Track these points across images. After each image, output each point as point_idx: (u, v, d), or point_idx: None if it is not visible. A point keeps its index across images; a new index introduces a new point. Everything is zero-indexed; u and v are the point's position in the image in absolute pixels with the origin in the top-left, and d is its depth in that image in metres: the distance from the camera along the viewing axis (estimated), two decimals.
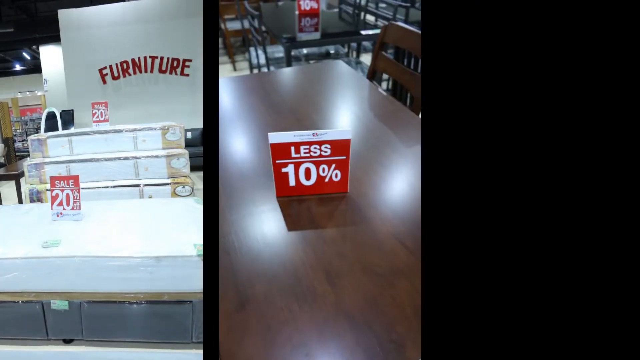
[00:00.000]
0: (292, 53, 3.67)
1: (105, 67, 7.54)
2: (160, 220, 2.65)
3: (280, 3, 5.20)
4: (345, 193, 1.43)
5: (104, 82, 7.59)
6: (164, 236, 2.38)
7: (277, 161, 1.38)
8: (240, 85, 2.53)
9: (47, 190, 3.91)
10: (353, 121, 1.98)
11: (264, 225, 1.30)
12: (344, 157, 1.36)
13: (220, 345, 0.89)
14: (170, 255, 2.19)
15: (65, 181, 2.83)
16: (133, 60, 7.56)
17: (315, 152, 1.34)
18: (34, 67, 17.86)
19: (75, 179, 2.85)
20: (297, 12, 3.77)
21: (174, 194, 3.78)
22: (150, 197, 3.71)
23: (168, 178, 3.82)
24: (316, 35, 3.63)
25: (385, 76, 3.37)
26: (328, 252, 1.15)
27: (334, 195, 1.42)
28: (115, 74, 7.57)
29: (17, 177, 5.08)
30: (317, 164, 1.36)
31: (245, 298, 1.01)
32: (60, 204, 2.85)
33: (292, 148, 1.33)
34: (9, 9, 11.28)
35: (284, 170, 1.38)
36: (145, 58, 7.51)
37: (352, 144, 1.34)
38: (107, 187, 3.71)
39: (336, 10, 4.34)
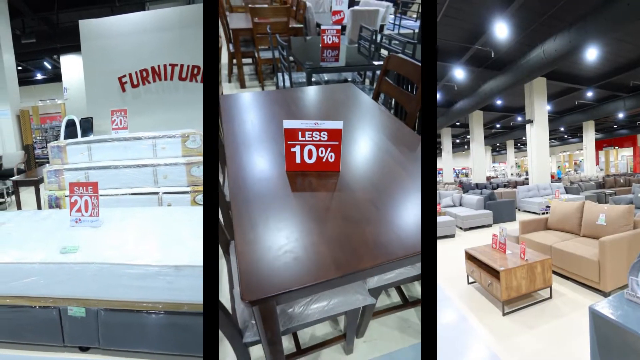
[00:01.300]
0: (314, 79, 4.21)
1: (124, 76, 7.64)
2: (180, 228, 2.63)
3: (308, 37, 5.87)
4: (337, 172, 1.84)
5: (123, 90, 7.68)
6: (184, 245, 2.35)
7: (289, 142, 1.81)
8: (267, 97, 3.12)
9: (65, 196, 3.93)
10: (353, 123, 2.49)
11: (276, 188, 1.75)
12: (337, 143, 1.80)
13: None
14: (190, 264, 2.15)
15: (85, 188, 2.83)
16: (153, 68, 7.64)
17: (315, 137, 1.79)
18: (54, 76, 18.24)
19: (94, 185, 2.85)
20: (320, 45, 4.63)
21: (194, 202, 3.75)
22: (170, 205, 3.69)
23: (188, 186, 3.79)
24: (336, 64, 4.20)
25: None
26: (319, 206, 1.59)
27: (329, 172, 1.84)
28: (135, 82, 7.66)
29: (36, 183, 5.14)
30: (317, 147, 1.80)
31: (255, 223, 1.48)
32: (79, 210, 2.85)
33: (299, 133, 1.78)
34: (31, 20, 11.54)
35: (292, 150, 1.82)
36: (165, 66, 7.59)
37: (349, 136, 1.98)
38: (126, 194, 3.70)
39: (355, 45, 4.93)
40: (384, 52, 4.49)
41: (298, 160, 1.83)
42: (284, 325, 1.66)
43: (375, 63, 4.15)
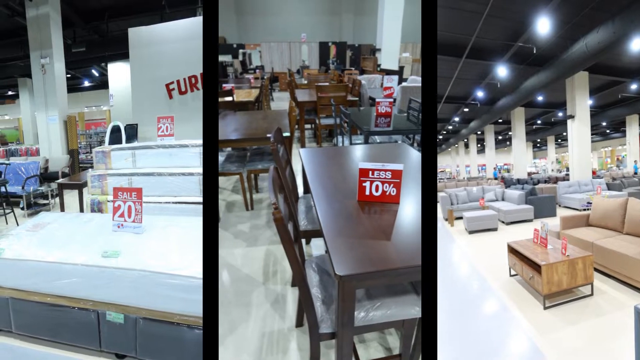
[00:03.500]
0: (369, 140, 4.95)
1: (172, 82, 7.77)
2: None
3: (362, 108, 7.11)
4: (398, 203, 2.34)
5: (170, 96, 7.82)
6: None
7: (361, 178, 2.37)
8: (329, 151, 3.70)
9: (108, 201, 4.00)
10: (407, 168, 2.84)
11: (352, 210, 2.28)
12: (398, 180, 2.33)
13: None
14: None
15: (128, 193, 2.85)
16: (202, 74, 7.72)
17: (382, 176, 2.34)
18: (101, 84, 18.95)
19: (139, 191, 2.87)
20: (374, 114, 5.64)
21: None
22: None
23: None
24: (388, 129, 5.02)
25: None
26: (384, 224, 2.08)
27: (391, 204, 2.34)
28: (183, 89, 7.78)
29: (80, 187, 5.28)
30: (382, 183, 2.35)
31: (340, 230, 2.01)
32: (122, 215, 2.87)
33: (370, 172, 2.35)
34: (82, 29, 12.05)
35: (364, 184, 2.38)
36: None
37: (406, 178, 2.46)
38: (169, 202, 3.70)
39: (405, 114, 5.84)
40: None
41: (367, 193, 2.37)
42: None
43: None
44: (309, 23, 22.86)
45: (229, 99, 6.79)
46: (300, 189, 3.78)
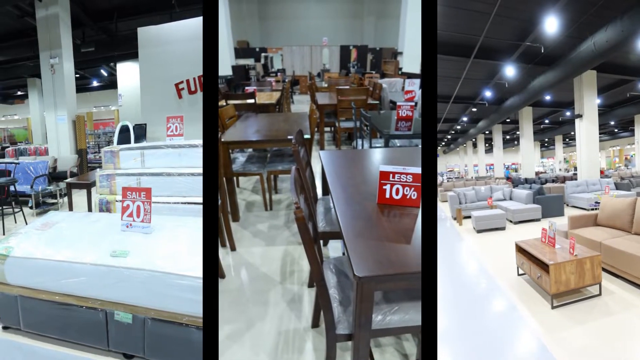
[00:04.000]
0: (389, 144, 4.96)
1: (181, 82, 7.78)
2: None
3: (382, 112, 7.19)
4: (418, 207, 2.32)
5: (180, 96, 7.83)
6: None
7: (382, 181, 2.35)
8: (348, 154, 3.75)
9: (116, 201, 4.00)
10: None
11: (371, 212, 2.29)
12: (419, 184, 2.30)
13: None
14: None
15: (137, 193, 2.86)
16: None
17: (402, 179, 2.33)
18: (110, 83, 19.06)
19: (148, 191, 2.87)
20: (395, 118, 5.53)
21: None
22: None
23: None
24: (409, 133, 4.95)
25: None
26: (405, 227, 2.08)
27: (411, 207, 2.33)
28: (192, 88, 7.78)
29: (88, 187, 5.31)
30: (403, 186, 2.34)
31: (359, 231, 2.02)
32: (131, 215, 2.87)
33: (391, 174, 2.34)
34: (91, 29, 12.12)
35: (384, 187, 2.36)
36: None
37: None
38: (178, 202, 3.70)
39: None
40: None
41: (387, 196, 2.36)
42: None
43: None
44: (331, 26, 23.15)
45: (251, 101, 6.93)
46: (319, 191, 3.79)
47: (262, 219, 4.40)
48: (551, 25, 8.57)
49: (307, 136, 3.93)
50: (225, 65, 15.09)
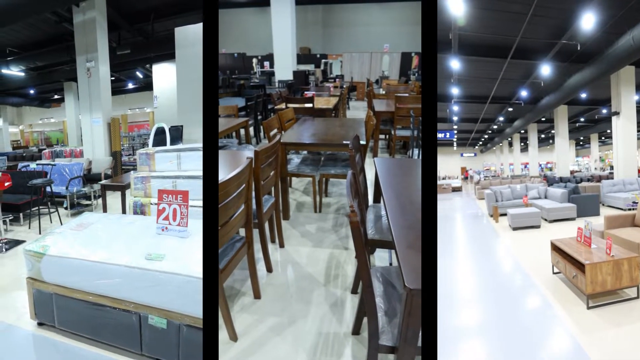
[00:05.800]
0: None
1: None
2: None
3: None
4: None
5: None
6: None
7: None
8: (403, 162, 3.73)
9: (151, 204, 4.05)
10: None
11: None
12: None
13: None
14: None
15: (174, 195, 2.86)
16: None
17: None
18: (145, 85, 19.45)
19: (185, 194, 2.87)
20: None
21: None
22: None
23: None
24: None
25: None
26: None
27: None
28: None
29: (122, 189, 5.39)
30: None
31: (410, 243, 1.89)
32: (167, 218, 2.88)
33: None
34: (126, 32, 12.39)
35: None
36: None
37: None
38: None
39: None
40: None
41: None
42: None
43: None
44: (393, 33, 23.23)
45: (309, 105, 7.08)
46: (369, 198, 3.80)
47: (311, 220, 4.47)
48: (588, 21, 8.42)
49: (362, 142, 3.95)
50: (287, 70, 15.49)
